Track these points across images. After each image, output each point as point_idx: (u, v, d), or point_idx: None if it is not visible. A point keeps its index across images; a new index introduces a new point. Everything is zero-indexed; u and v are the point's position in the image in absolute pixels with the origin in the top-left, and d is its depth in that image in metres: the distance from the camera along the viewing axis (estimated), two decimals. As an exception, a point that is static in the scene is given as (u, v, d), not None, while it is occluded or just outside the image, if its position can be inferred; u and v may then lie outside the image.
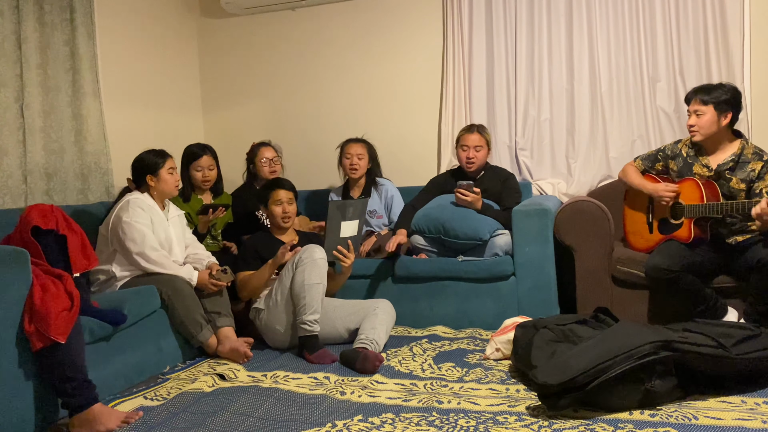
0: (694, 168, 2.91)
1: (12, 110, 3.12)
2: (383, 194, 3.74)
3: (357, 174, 3.71)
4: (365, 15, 4.28)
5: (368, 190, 3.75)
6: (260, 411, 2.27)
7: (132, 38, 3.99)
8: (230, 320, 2.96)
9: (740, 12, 3.54)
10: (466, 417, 2.14)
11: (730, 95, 2.78)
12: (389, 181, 3.81)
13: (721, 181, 2.83)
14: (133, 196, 2.93)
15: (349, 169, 3.70)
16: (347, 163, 3.70)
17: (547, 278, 3.17)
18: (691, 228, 2.82)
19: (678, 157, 2.99)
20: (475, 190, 3.30)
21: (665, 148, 3.08)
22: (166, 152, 3.03)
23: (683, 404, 2.14)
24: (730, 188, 2.81)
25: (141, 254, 2.82)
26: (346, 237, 3.04)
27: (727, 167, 2.81)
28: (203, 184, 3.50)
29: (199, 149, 3.50)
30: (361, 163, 3.70)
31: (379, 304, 3.03)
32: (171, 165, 3.01)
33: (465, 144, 3.50)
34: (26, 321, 2.09)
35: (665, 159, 3.06)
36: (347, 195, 3.79)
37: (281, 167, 3.78)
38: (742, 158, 2.80)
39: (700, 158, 2.91)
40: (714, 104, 2.78)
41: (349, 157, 3.69)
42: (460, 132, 3.57)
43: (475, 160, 3.49)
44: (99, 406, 2.17)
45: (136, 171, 3.00)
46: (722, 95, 2.78)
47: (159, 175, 2.96)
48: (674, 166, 3.01)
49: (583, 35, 3.82)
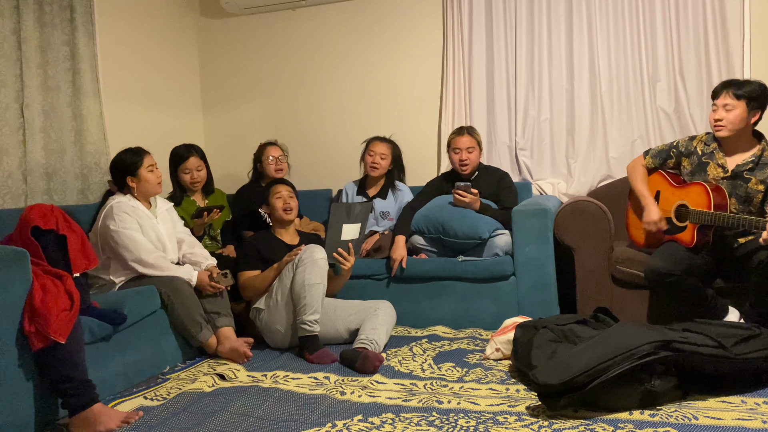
0: (708, 168, 2.81)
1: (12, 110, 3.11)
2: (399, 198, 3.73)
3: (376, 173, 3.70)
4: (365, 15, 4.28)
5: (385, 191, 3.74)
6: (260, 411, 2.27)
7: (132, 38, 3.99)
8: (230, 320, 2.96)
9: (740, 12, 3.54)
10: (466, 417, 2.14)
11: (761, 92, 2.67)
12: (407, 187, 3.80)
13: (738, 182, 2.74)
14: (115, 200, 2.89)
15: (370, 166, 3.69)
16: (369, 159, 3.69)
17: (547, 278, 3.17)
18: (694, 233, 2.77)
19: (693, 155, 2.89)
20: (473, 191, 3.30)
21: (678, 144, 2.97)
22: (142, 149, 2.97)
23: (683, 404, 2.13)
24: (748, 189, 2.72)
25: (137, 261, 2.81)
26: (347, 240, 3.05)
27: (746, 168, 2.72)
28: (193, 185, 3.48)
29: (185, 151, 3.46)
30: (383, 163, 3.69)
31: (379, 305, 3.03)
32: (150, 162, 2.95)
33: (457, 147, 3.49)
34: (26, 321, 2.09)
35: (678, 156, 2.95)
36: (362, 190, 3.78)
37: (287, 166, 3.79)
38: (763, 159, 2.71)
39: (717, 157, 2.80)
40: (747, 100, 2.66)
41: (373, 154, 3.68)
42: (451, 135, 3.56)
43: (469, 162, 3.48)
44: (99, 406, 2.16)
45: (115, 174, 2.96)
46: (755, 91, 2.67)
47: (139, 175, 2.92)
48: (687, 165, 2.91)
49: (583, 35, 3.82)
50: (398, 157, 3.78)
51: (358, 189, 3.80)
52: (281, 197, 3.17)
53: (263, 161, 3.72)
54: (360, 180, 3.85)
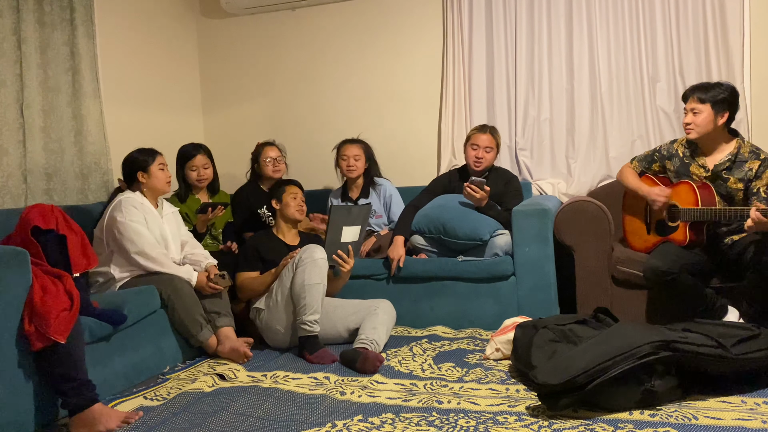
0: (691, 168, 2.90)
1: (12, 110, 3.11)
2: (382, 194, 3.74)
3: (354, 174, 3.71)
4: (365, 15, 4.28)
5: (366, 190, 3.74)
6: (260, 411, 2.27)
7: (132, 38, 3.99)
8: (230, 320, 2.96)
9: (740, 12, 3.54)
10: (466, 417, 2.14)
11: (727, 94, 2.77)
12: (387, 181, 3.81)
13: (718, 182, 2.82)
14: (125, 195, 2.93)
15: (346, 170, 3.70)
16: (344, 164, 3.70)
17: (547, 278, 3.17)
18: (686, 231, 2.81)
19: (674, 158, 2.98)
20: (486, 188, 3.29)
21: (661, 148, 3.07)
22: (155, 150, 3.03)
23: (683, 404, 2.14)
24: (728, 188, 2.80)
25: (140, 253, 2.82)
26: (347, 242, 3.05)
27: (724, 167, 2.80)
28: (199, 183, 3.49)
29: (192, 149, 3.49)
30: (358, 164, 3.69)
31: (379, 305, 3.03)
32: (161, 161, 3.02)
33: (476, 143, 3.48)
34: (26, 321, 2.09)
35: (661, 159, 3.05)
36: (346, 196, 3.79)
37: (285, 166, 3.79)
38: (739, 157, 2.78)
39: (696, 158, 2.89)
40: (711, 103, 2.76)
41: (346, 158, 3.69)
42: (472, 130, 3.55)
43: (484, 161, 3.47)
44: (99, 406, 2.17)
45: (126, 170, 3.00)
46: (720, 94, 2.76)
47: (150, 171, 2.97)
48: (671, 167, 3.00)
49: (583, 35, 3.82)
50: (371, 155, 3.78)
51: (341, 196, 3.81)
52: (297, 198, 3.17)
53: (261, 162, 3.72)
54: (341, 187, 3.86)
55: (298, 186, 3.26)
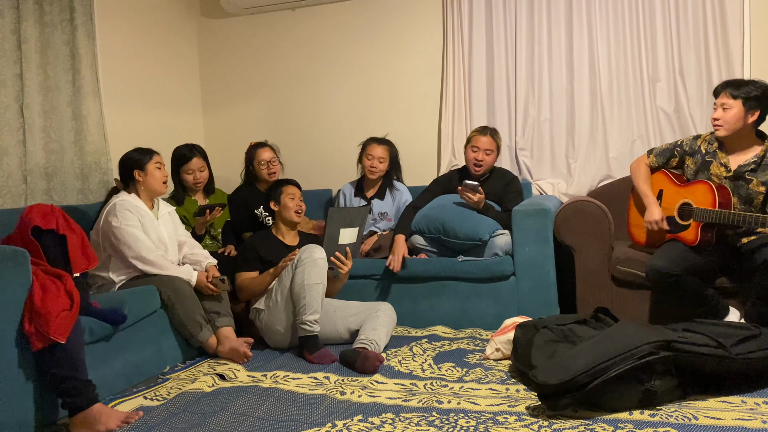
0: (712, 167, 2.82)
1: (12, 110, 3.11)
2: (397, 198, 3.72)
3: (375, 176, 3.69)
4: (365, 15, 4.28)
5: (383, 192, 3.73)
6: (260, 411, 2.27)
7: (132, 38, 3.99)
8: (230, 320, 2.96)
9: (740, 12, 3.54)
10: (466, 417, 2.14)
11: (761, 92, 2.69)
12: (405, 187, 3.78)
13: (739, 182, 2.75)
14: (119, 198, 2.90)
15: (368, 170, 3.67)
16: (367, 163, 3.67)
17: (547, 278, 3.17)
18: (698, 232, 2.77)
19: (696, 154, 2.90)
20: (480, 191, 3.29)
21: (683, 143, 2.99)
22: (152, 149, 3.02)
23: (683, 404, 2.14)
24: (749, 190, 2.73)
25: (138, 258, 2.81)
26: (345, 244, 3.04)
27: (748, 168, 2.73)
28: (195, 186, 3.49)
29: (187, 151, 3.47)
30: (381, 166, 3.67)
31: (380, 307, 3.03)
32: (158, 160, 3.00)
33: (476, 145, 3.47)
34: (26, 321, 2.09)
35: (682, 155, 2.97)
36: (360, 191, 3.77)
37: (280, 167, 3.78)
38: (765, 160, 2.72)
39: (719, 157, 2.81)
40: (743, 99, 2.68)
41: (371, 158, 3.66)
42: (473, 132, 3.54)
43: (483, 164, 3.46)
44: (99, 406, 2.17)
45: (123, 168, 2.99)
46: (753, 91, 2.68)
47: (146, 169, 2.95)
48: (691, 164, 2.93)
49: (583, 35, 3.82)
50: (395, 158, 3.76)
51: (355, 190, 3.79)
52: (295, 198, 3.17)
53: (255, 165, 3.71)
54: (357, 181, 3.84)
55: (296, 186, 3.25)
